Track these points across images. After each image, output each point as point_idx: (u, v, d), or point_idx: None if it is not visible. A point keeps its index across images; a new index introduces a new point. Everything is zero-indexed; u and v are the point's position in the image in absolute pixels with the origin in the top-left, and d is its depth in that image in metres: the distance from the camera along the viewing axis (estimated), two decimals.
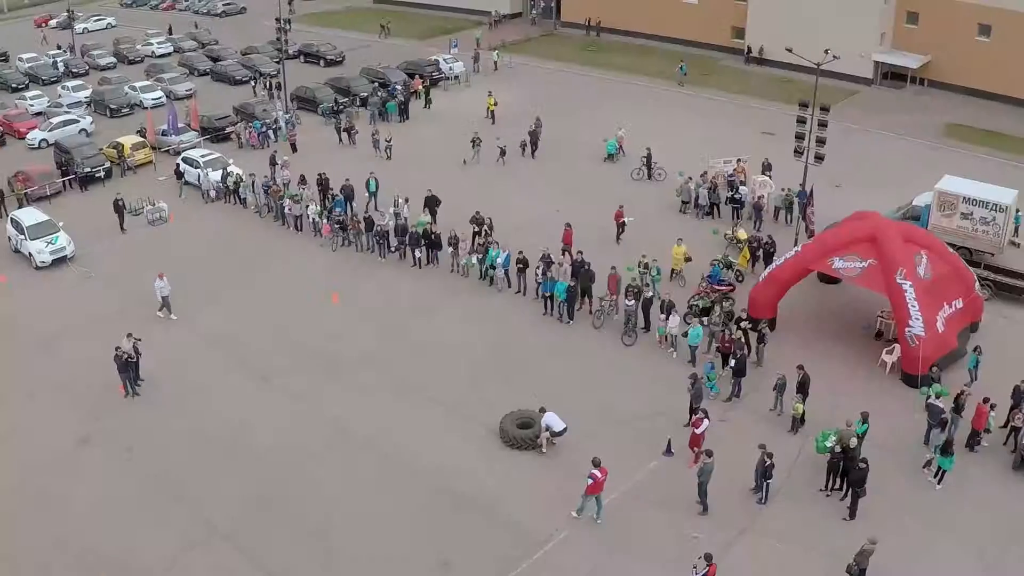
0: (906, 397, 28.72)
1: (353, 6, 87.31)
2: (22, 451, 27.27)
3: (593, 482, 23.19)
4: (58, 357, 31.97)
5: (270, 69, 63.94)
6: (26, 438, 27.82)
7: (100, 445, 27.39)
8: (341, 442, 27.07)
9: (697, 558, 21.05)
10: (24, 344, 32.75)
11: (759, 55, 63.88)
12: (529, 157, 47.83)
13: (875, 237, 30.53)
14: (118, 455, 26.89)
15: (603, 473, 23.29)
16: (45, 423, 28.40)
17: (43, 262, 37.98)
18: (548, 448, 26.33)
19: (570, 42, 73.63)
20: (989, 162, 46.47)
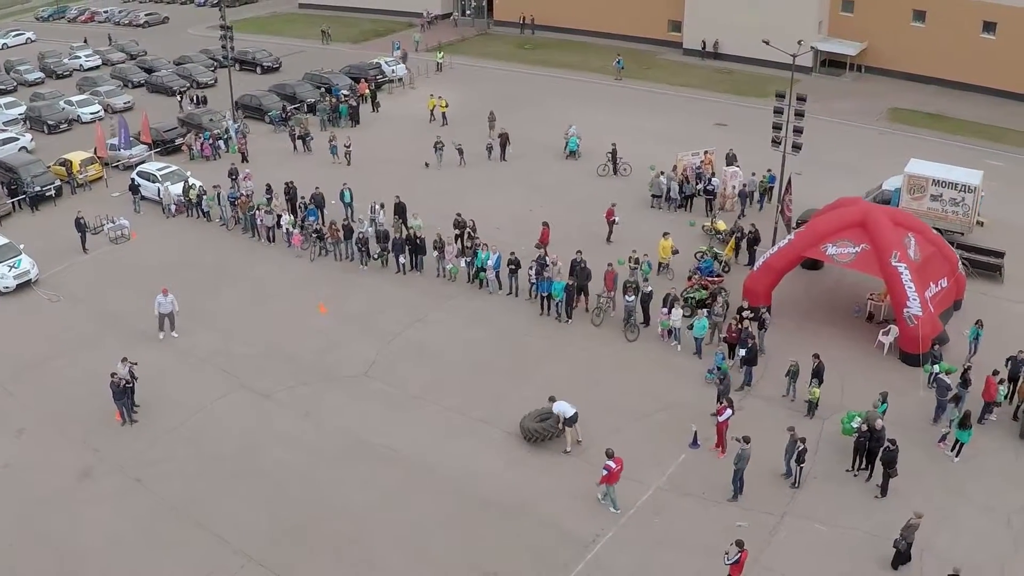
0: (909, 376, 29.15)
1: (278, 11, 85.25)
2: (19, 490, 25.40)
3: (608, 472, 23.17)
4: (40, 387, 30.05)
5: (207, 78, 61.94)
6: (21, 476, 25.96)
7: (104, 477, 25.77)
8: (358, 454, 26.14)
9: (729, 544, 20.98)
10: (2, 377, 30.65)
11: (713, 49, 64.10)
12: (497, 159, 47.02)
13: (864, 222, 30.88)
14: (125, 487, 25.33)
15: (618, 464, 23.23)
16: (40, 459, 26.60)
17: (7, 287, 35.78)
18: (573, 447, 25.97)
19: (506, 41, 73.28)
20: (936, 144, 47.78)
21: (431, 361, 30.33)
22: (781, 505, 23.97)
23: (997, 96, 54.20)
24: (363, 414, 27.77)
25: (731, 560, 20.67)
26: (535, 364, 29.85)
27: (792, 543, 22.81)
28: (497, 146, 46.76)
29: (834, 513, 23.75)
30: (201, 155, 48.64)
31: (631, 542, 22.89)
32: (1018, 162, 45.28)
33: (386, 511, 23.98)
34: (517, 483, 24.84)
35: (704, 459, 25.70)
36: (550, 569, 22.13)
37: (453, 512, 23.94)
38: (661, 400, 28.18)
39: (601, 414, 27.09)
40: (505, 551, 22.69)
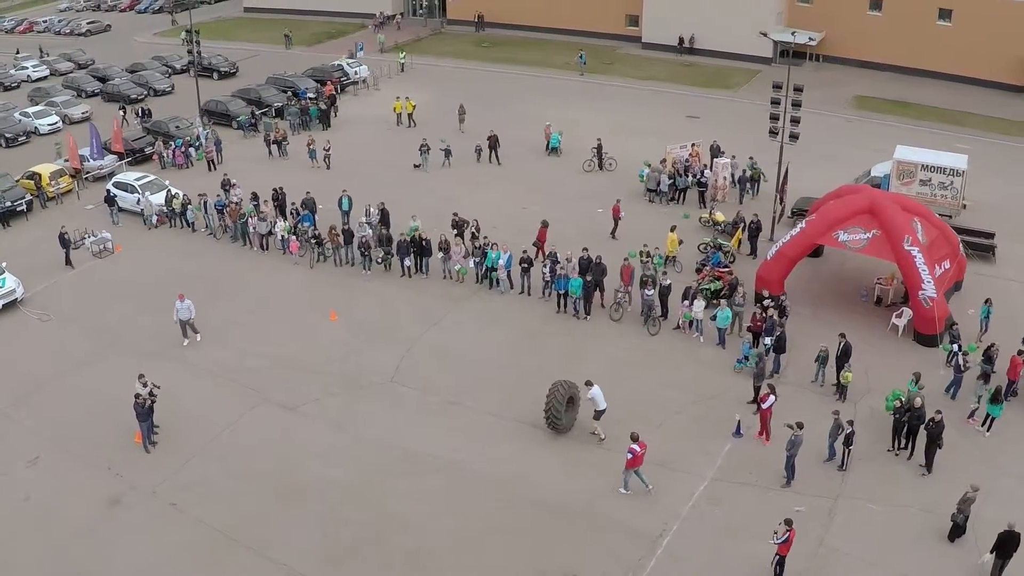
0: (926, 356, 29.40)
1: (223, 16, 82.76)
2: (46, 523, 23.74)
3: (633, 456, 23.16)
4: (45, 412, 28.26)
5: (164, 85, 59.76)
6: (46, 508, 24.26)
7: (135, 504, 24.24)
8: (403, 464, 25.21)
9: (777, 524, 20.92)
10: (1, 403, 28.72)
11: (690, 44, 63.91)
12: (486, 161, 45.93)
13: (872, 208, 31.04)
14: (161, 513, 23.87)
15: (642, 447, 23.19)
16: (62, 488, 24.92)
17: None
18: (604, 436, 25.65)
19: (462, 39, 72.35)
20: (903, 130, 48.56)
21: (457, 364, 29.47)
22: (833, 488, 23.98)
23: (954, 81, 55.35)
24: (399, 422, 26.82)
25: (779, 539, 20.71)
26: (564, 362, 29.17)
27: (850, 523, 22.88)
28: (486, 147, 45.65)
29: (884, 492, 23.88)
30: (173, 163, 46.66)
31: (697, 534, 22.63)
32: (984, 145, 46.15)
33: (445, 521, 23.15)
34: (572, 483, 24.28)
35: (750, 447, 25.58)
36: (626, 566, 21.72)
37: (513, 517, 23.25)
38: (695, 392, 27.91)
39: (640, 409, 26.72)
40: (576, 552, 22.13)
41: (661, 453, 24.96)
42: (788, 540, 20.63)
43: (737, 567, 21.70)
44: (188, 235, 39.72)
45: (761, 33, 44.25)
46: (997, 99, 53.37)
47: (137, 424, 26.12)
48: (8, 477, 25.56)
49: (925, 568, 21.57)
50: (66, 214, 42.08)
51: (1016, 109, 52.07)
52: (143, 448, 26.13)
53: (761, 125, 49.45)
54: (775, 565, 21.04)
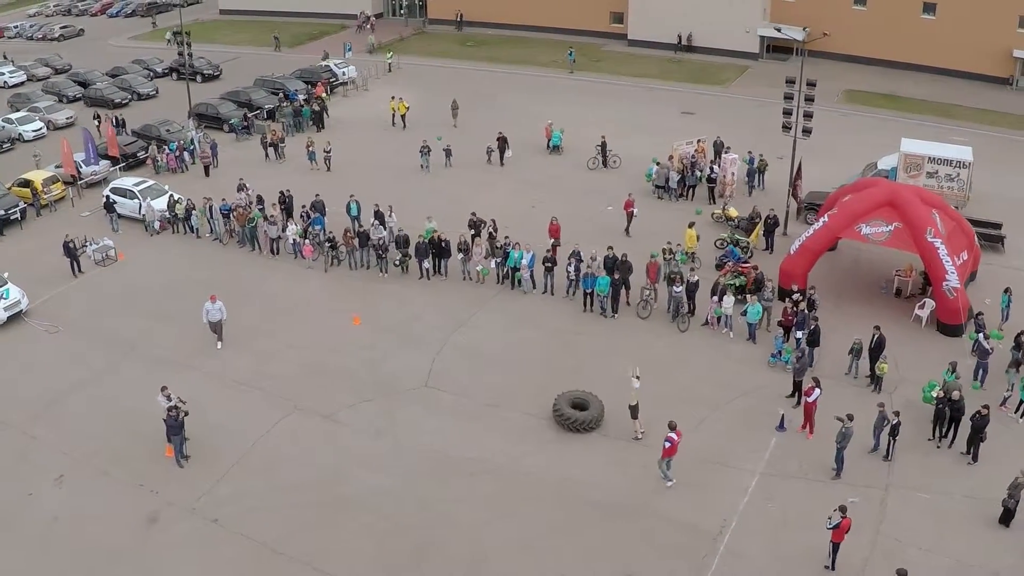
0: (952, 345, 29.37)
1: (200, 19, 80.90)
2: (81, 545, 22.57)
3: (670, 445, 23.00)
4: (64, 427, 27.00)
5: (147, 89, 58.18)
6: (78, 528, 23.09)
7: (175, 522, 23.16)
8: (450, 470, 24.46)
9: (832, 510, 20.69)
10: (18, 420, 27.39)
11: (688, 42, 63.42)
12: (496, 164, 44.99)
13: (893, 201, 30.88)
14: (203, 530, 22.83)
15: (679, 436, 23.04)
16: (93, 507, 23.74)
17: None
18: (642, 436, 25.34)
19: (445, 38, 71.49)
20: (896, 123, 48.73)
21: (490, 366, 28.78)
22: (881, 478, 23.83)
23: (939, 74, 55.66)
24: (439, 427, 26.06)
25: (832, 525, 20.58)
26: (597, 361, 28.70)
27: (902, 512, 22.79)
28: (496, 149, 44.68)
29: (931, 480, 23.82)
30: (167, 168, 45.28)
31: (756, 529, 22.30)
32: (976, 137, 46.23)
33: (501, 525, 22.50)
34: (624, 483, 23.80)
35: (794, 441, 25.30)
36: (690, 563, 21.34)
37: (570, 519, 22.68)
38: (734, 387, 27.58)
39: (680, 406, 26.24)
40: (638, 552, 21.67)
41: (709, 449, 24.85)
42: (841, 527, 20.52)
43: (801, 561, 21.40)
44: (192, 241, 38.49)
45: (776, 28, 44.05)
46: (983, 91, 53.85)
47: (167, 438, 25.05)
48: (34, 497, 24.33)
49: (981, 552, 21.54)
50: (62, 222, 40.60)
51: (1003, 101, 52.53)
52: (175, 463, 25.00)
53: (755, 120, 49.80)
54: (831, 552, 20.94)
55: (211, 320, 29.91)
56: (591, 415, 25.68)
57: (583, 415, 25.65)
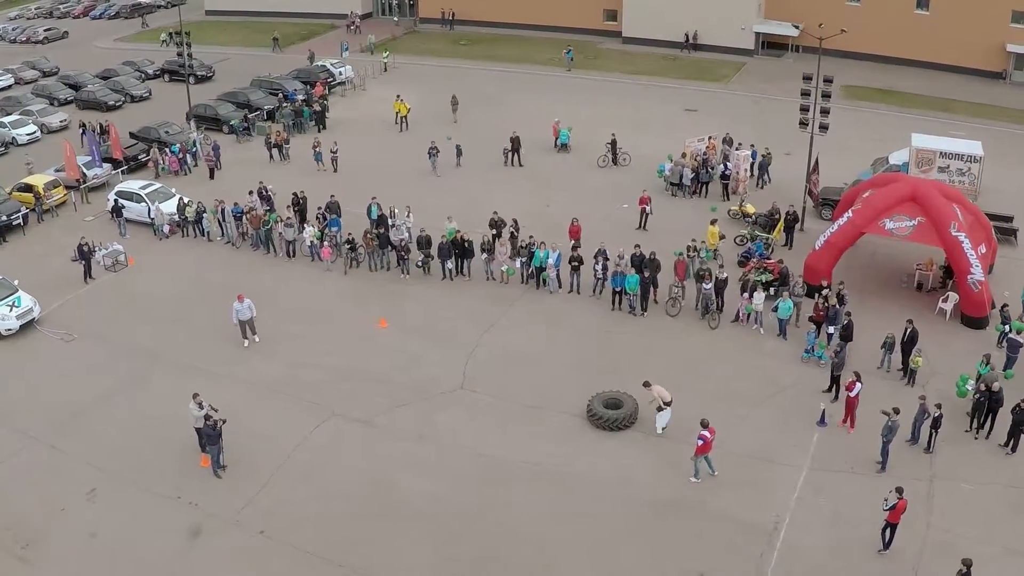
0: (977, 337, 29.46)
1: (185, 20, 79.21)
2: (123, 561, 21.67)
3: (703, 443, 22.89)
4: (91, 440, 25.99)
5: (140, 91, 56.98)
6: (119, 544, 22.17)
7: (219, 534, 22.36)
8: (500, 474, 23.90)
9: (888, 491, 20.80)
10: (43, 432, 26.35)
11: (694, 41, 62.88)
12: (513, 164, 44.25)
13: (915, 196, 30.78)
14: (251, 542, 22.08)
15: (712, 433, 22.88)
16: (131, 522, 22.82)
17: (9, 329, 31.21)
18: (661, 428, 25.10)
19: (437, 37, 70.81)
20: (896, 118, 48.96)
21: (526, 367, 28.26)
22: (925, 470, 23.74)
23: (933, 69, 55.82)
24: (482, 430, 25.50)
25: (889, 506, 20.68)
26: (633, 360, 28.27)
27: (949, 503, 22.72)
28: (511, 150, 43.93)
29: (972, 471, 23.77)
30: (170, 170, 44.24)
31: (809, 524, 22.08)
32: (975, 131, 46.22)
33: (562, 530, 22.00)
34: (678, 481, 23.45)
35: (836, 436, 25.11)
36: (748, 560, 21.05)
37: (629, 520, 22.30)
38: (770, 383, 27.35)
39: (721, 402, 25.99)
40: (699, 551, 21.35)
41: (754, 446, 24.69)
42: (897, 508, 20.59)
43: (858, 554, 21.23)
44: (204, 245, 37.58)
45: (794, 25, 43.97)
46: (978, 86, 54.11)
47: (202, 448, 24.40)
48: (68, 512, 23.41)
49: None
50: (65, 227, 39.68)
51: (998, 95, 52.82)
52: (212, 473, 24.20)
53: (758, 115, 49.66)
54: (884, 531, 21.00)
55: (241, 319, 29.25)
56: (624, 413, 25.20)
57: (615, 413, 25.20)
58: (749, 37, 60.10)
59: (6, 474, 24.79)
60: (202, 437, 24.18)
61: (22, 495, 23.95)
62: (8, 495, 23.99)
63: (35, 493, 24.01)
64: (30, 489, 24.16)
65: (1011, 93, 53.28)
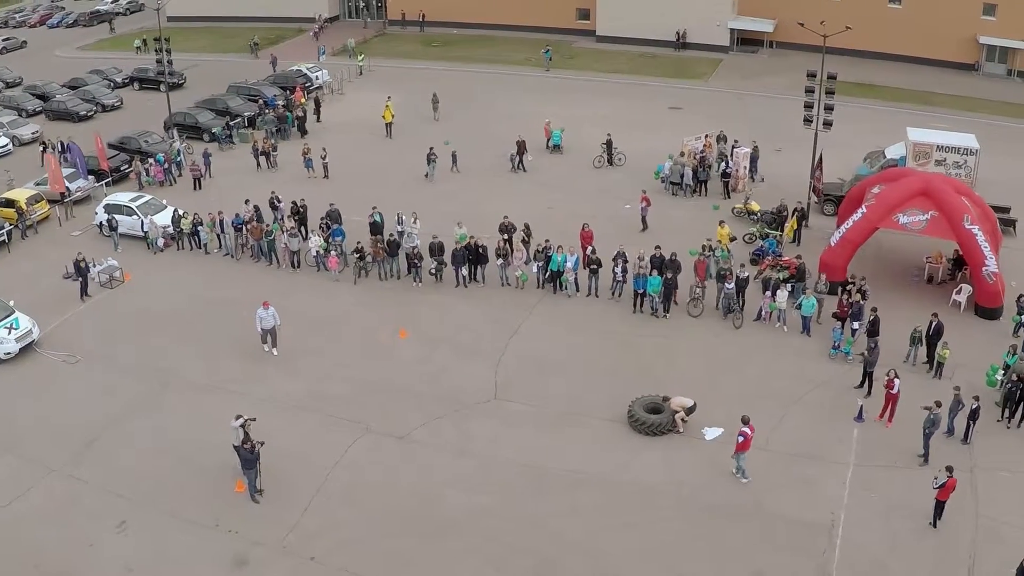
0: (994, 328, 29.60)
1: (146, 27, 77.14)
2: None
3: (744, 439, 22.69)
4: (111, 467, 24.52)
5: (112, 100, 54.99)
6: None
7: (267, 563, 21.16)
8: (547, 484, 23.21)
9: (938, 471, 20.94)
10: (59, 462, 24.83)
11: (683, 39, 62.41)
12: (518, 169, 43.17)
13: (927, 191, 30.77)
14: (302, 569, 20.99)
15: (752, 431, 22.66)
16: (170, 555, 21.55)
17: (8, 353, 29.58)
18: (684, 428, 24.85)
19: (409, 39, 69.70)
20: (879, 111, 49.17)
21: (556, 374, 27.60)
22: (965, 460, 23.60)
23: (907, 63, 56.24)
24: (522, 440, 24.78)
25: (939, 484, 20.86)
26: (662, 362, 27.83)
27: (993, 492, 22.71)
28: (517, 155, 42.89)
29: (1011, 460, 23.79)
30: (155, 181, 42.62)
31: (865, 519, 21.89)
32: (957, 123, 46.66)
33: (620, 537, 21.43)
34: (728, 483, 23.08)
35: (874, 431, 24.94)
36: (813, 557, 20.76)
37: (686, 524, 21.83)
38: (803, 381, 27.09)
39: (758, 401, 25.53)
40: (760, 552, 20.98)
41: (799, 444, 24.46)
42: (947, 486, 20.79)
43: (915, 547, 21.10)
44: (202, 257, 36.19)
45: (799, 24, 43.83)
46: (952, 78, 54.76)
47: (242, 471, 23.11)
48: (96, 547, 22.06)
49: None
50: (50, 243, 38.06)
51: (973, 86, 53.50)
52: (249, 498, 23.05)
53: (741, 113, 49.52)
54: (935, 509, 21.20)
55: (264, 327, 28.29)
56: (666, 417, 24.76)
57: (658, 418, 24.75)
58: (724, 33, 60.00)
59: (24, 508, 23.34)
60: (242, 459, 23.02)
61: (45, 530, 22.56)
62: (30, 531, 22.57)
63: (59, 527, 22.66)
64: (53, 523, 22.78)
65: (985, 84, 54.00)
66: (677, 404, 24.79)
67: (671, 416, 24.81)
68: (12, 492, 23.79)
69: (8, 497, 23.61)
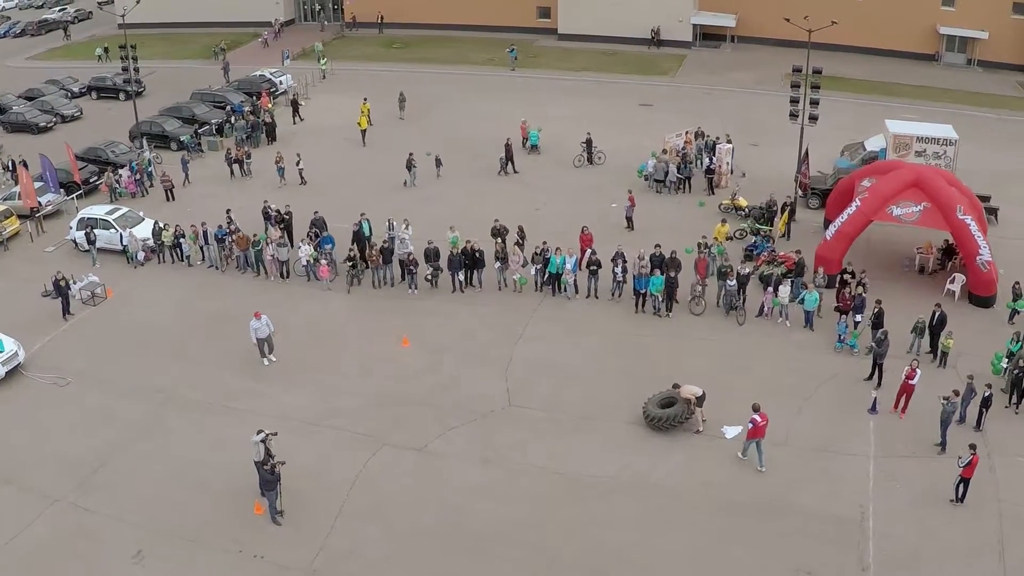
0: (988, 316, 30.04)
1: (96, 35, 74.87)
2: None
3: (753, 426, 22.75)
4: (123, 495, 23.27)
5: (71, 110, 53.08)
6: None
7: None
8: (577, 492, 22.75)
9: (962, 450, 21.33)
10: (64, 491, 23.57)
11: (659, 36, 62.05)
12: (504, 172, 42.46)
13: (919, 182, 31.07)
14: None
15: (763, 418, 22.75)
16: None
17: None
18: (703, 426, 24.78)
19: (368, 42, 68.57)
20: (847, 104, 49.47)
21: (567, 378, 27.21)
22: (981, 447, 23.47)
23: (868, 54, 56.86)
24: (545, 447, 24.33)
25: (964, 463, 21.27)
26: (672, 362, 27.60)
27: (1012, 477, 22.90)
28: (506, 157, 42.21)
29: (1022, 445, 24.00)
30: (128, 192, 41.18)
31: (893, 510, 21.91)
32: (924, 113, 47.19)
33: (660, 542, 21.15)
34: (756, 481, 22.93)
35: (889, 422, 25.02)
36: (848, 552, 20.69)
37: (724, 524, 21.61)
38: (813, 375, 27.10)
39: (771, 397, 25.21)
40: (797, 548, 20.87)
41: (817, 438, 24.44)
42: (971, 464, 21.20)
43: (946, 535, 21.21)
44: (185, 270, 35.00)
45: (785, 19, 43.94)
46: (913, 68, 55.62)
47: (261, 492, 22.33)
48: None
49: None
50: (24, 259, 36.52)
51: (934, 76, 54.41)
52: (270, 520, 22.21)
53: (712, 109, 49.62)
54: (958, 487, 21.60)
55: (259, 337, 27.54)
56: (678, 409, 24.44)
57: (671, 411, 24.45)
58: (687, 29, 60.15)
59: (30, 543, 22.06)
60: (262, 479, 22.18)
61: (55, 565, 21.41)
62: (38, 567, 21.40)
63: (70, 561, 21.53)
64: (63, 557, 21.63)
65: (946, 74, 54.96)
66: (688, 392, 24.47)
67: (685, 407, 24.44)
68: (15, 526, 22.54)
69: (11, 531, 22.36)
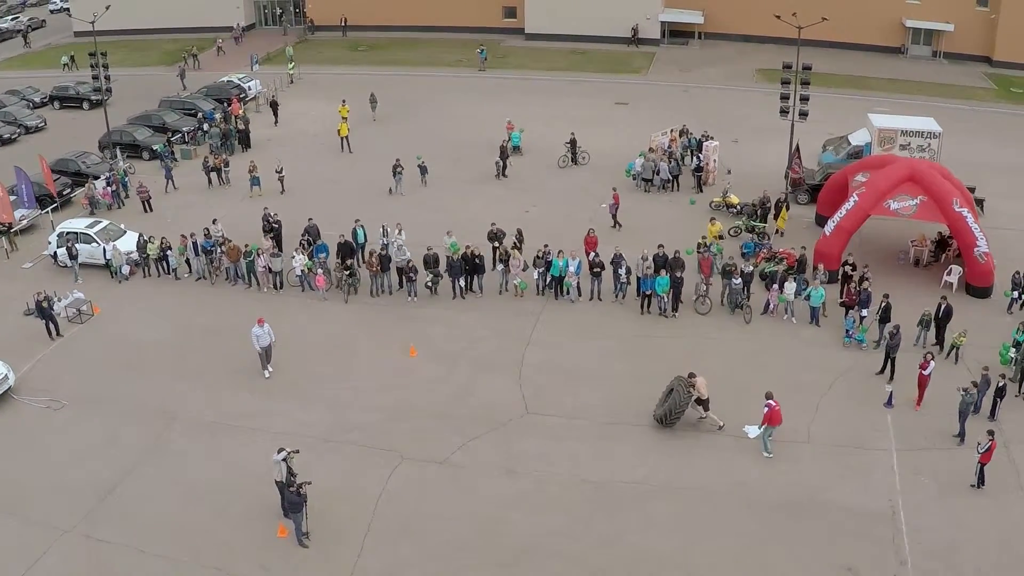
0: (985, 306, 30.40)
1: (52, 43, 72.46)
2: None
3: (769, 410, 22.90)
4: (137, 524, 22.09)
5: (35, 121, 51.17)
6: None
7: None
8: (612, 498, 22.33)
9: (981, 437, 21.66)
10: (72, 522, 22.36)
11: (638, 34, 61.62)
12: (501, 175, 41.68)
13: (914, 176, 31.28)
14: None
15: (777, 404, 22.95)
16: None
17: None
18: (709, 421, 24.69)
19: (334, 45, 67.31)
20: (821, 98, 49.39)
21: (582, 383, 26.76)
22: (998, 436, 23.60)
23: (835, 48, 57.17)
24: (572, 455, 23.86)
25: (982, 449, 21.60)
26: (687, 362, 26.94)
27: None
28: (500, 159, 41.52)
29: None
30: (106, 204, 39.73)
31: (922, 503, 22.00)
32: (899, 106, 47.61)
33: (701, 547, 20.83)
34: (787, 480, 22.78)
35: (906, 415, 25.10)
36: (884, 547, 20.66)
37: (762, 526, 21.40)
38: (826, 371, 27.09)
39: (789, 394, 25.11)
40: (835, 545, 20.81)
41: (838, 434, 24.44)
42: (989, 450, 21.54)
43: (977, 524, 21.30)
44: (171, 283, 33.79)
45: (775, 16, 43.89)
46: (880, 61, 56.23)
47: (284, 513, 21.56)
48: None
49: None
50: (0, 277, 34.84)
51: (902, 69, 55.06)
52: (297, 543, 21.36)
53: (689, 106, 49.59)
54: (977, 474, 21.90)
55: (262, 345, 26.73)
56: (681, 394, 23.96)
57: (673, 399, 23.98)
58: (655, 26, 60.08)
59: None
60: (284, 500, 21.32)
61: None
62: None
63: None
64: None
65: (913, 66, 55.69)
66: (702, 385, 24.14)
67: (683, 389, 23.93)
68: (24, 561, 21.30)
69: (20, 567, 21.16)
